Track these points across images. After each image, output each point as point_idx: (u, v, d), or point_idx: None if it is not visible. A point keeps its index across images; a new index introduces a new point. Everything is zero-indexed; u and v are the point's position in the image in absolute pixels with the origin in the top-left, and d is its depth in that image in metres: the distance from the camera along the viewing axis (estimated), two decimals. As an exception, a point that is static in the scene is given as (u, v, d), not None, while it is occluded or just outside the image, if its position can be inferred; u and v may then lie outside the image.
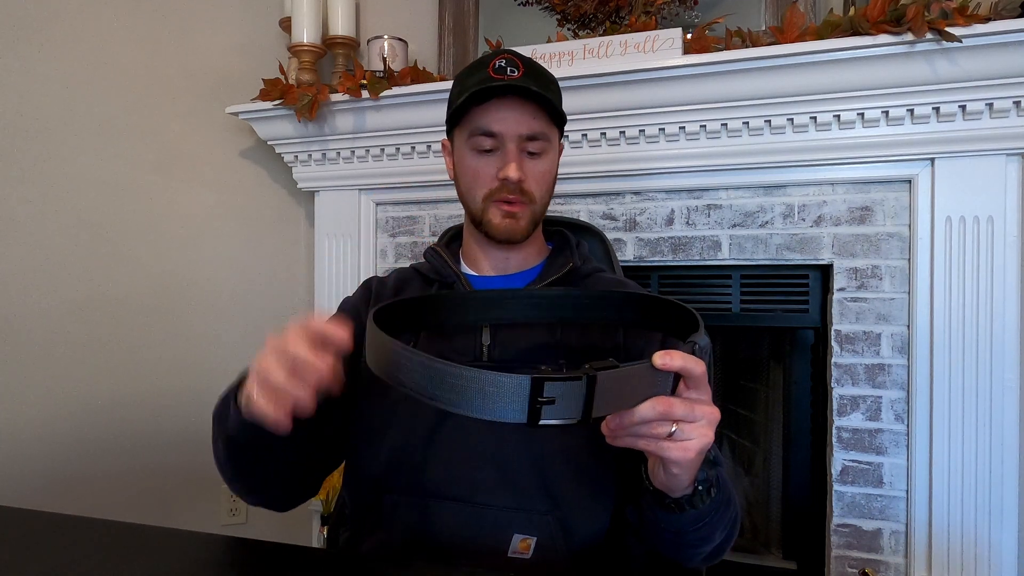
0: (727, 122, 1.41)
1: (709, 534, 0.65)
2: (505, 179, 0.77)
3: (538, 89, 0.75)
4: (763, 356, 1.77)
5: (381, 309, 0.64)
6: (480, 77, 0.77)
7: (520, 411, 0.47)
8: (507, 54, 0.78)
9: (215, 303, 1.87)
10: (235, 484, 0.74)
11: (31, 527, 0.68)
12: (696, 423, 0.52)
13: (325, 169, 1.80)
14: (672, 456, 0.53)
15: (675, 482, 0.57)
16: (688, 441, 0.52)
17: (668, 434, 0.52)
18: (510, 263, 0.85)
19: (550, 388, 0.46)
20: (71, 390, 1.66)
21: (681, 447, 0.52)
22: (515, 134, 0.77)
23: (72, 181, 1.67)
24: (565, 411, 0.47)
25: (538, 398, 0.46)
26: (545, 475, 0.73)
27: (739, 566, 1.65)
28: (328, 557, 0.64)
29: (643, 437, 0.52)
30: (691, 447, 0.52)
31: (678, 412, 0.51)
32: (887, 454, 1.38)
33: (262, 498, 0.76)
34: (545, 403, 0.47)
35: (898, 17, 1.22)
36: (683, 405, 0.51)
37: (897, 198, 1.38)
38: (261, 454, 0.68)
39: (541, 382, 0.46)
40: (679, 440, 0.52)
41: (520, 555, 0.71)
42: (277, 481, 0.73)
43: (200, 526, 1.80)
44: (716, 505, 0.63)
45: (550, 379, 0.46)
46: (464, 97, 0.76)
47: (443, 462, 0.74)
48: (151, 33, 1.77)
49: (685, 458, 0.53)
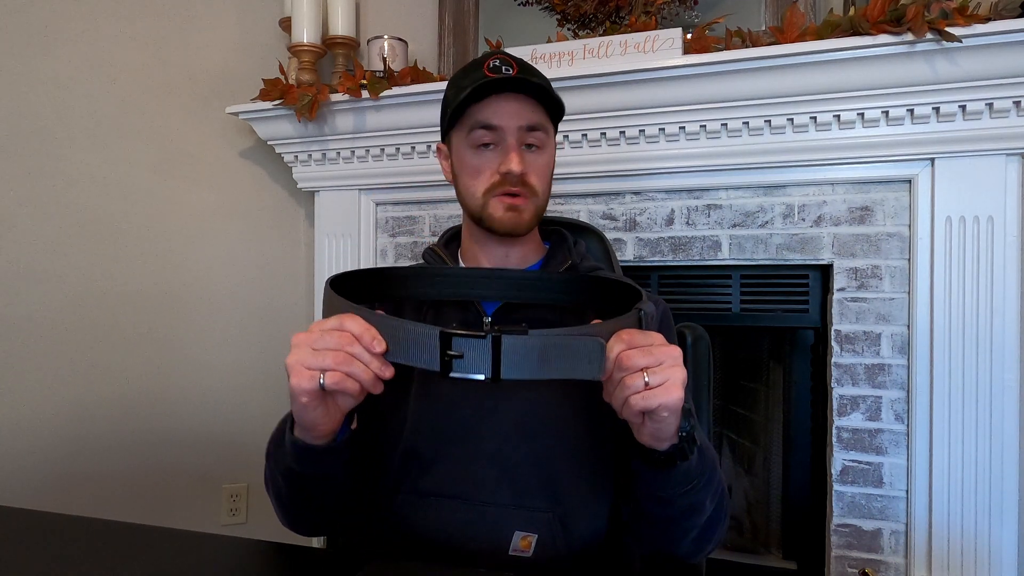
0: (727, 122, 1.41)
1: (699, 502, 0.65)
2: (507, 172, 0.77)
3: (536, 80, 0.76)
4: (763, 356, 1.77)
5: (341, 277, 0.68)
6: (475, 76, 0.77)
7: (433, 360, 0.53)
8: (500, 54, 0.79)
9: (215, 303, 1.87)
10: (292, 516, 0.75)
11: (31, 527, 0.68)
12: (662, 365, 0.54)
13: (325, 169, 1.80)
14: (653, 403, 0.54)
15: (661, 431, 0.58)
16: (665, 383, 0.54)
17: (644, 384, 0.54)
18: (509, 261, 0.85)
19: (457, 343, 0.52)
20: (71, 390, 1.66)
21: (663, 390, 0.54)
22: (515, 127, 0.78)
23: (72, 181, 1.67)
24: (473, 367, 0.53)
25: (447, 351, 0.52)
26: (546, 473, 0.73)
27: (739, 566, 1.65)
28: (328, 557, 0.64)
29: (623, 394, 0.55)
30: (671, 387, 0.54)
31: (640, 360, 0.54)
32: (887, 454, 1.38)
33: (315, 526, 0.77)
34: (455, 356, 0.52)
35: (898, 17, 1.22)
36: (639, 353, 0.54)
37: (897, 198, 1.38)
38: (319, 481, 0.68)
39: (449, 336, 0.52)
40: (655, 387, 0.54)
41: (521, 553, 0.71)
42: (334, 505, 0.73)
43: (200, 526, 1.80)
44: (703, 467, 0.63)
45: (457, 334, 0.52)
46: (465, 93, 0.77)
47: (445, 461, 0.74)
48: (151, 33, 1.78)
49: (669, 399, 0.54)
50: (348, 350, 0.54)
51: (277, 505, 0.74)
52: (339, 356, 0.54)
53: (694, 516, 0.66)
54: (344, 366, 0.54)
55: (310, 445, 0.63)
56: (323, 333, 0.55)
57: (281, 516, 0.76)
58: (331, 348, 0.55)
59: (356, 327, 0.55)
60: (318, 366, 0.55)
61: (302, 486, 0.69)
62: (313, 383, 0.55)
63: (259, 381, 1.91)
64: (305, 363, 0.55)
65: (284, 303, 1.97)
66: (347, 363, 0.54)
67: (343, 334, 0.55)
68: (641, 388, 0.54)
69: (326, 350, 0.55)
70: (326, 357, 0.54)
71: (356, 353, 0.54)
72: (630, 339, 0.55)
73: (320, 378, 0.55)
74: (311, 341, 0.56)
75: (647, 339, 0.56)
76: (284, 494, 0.71)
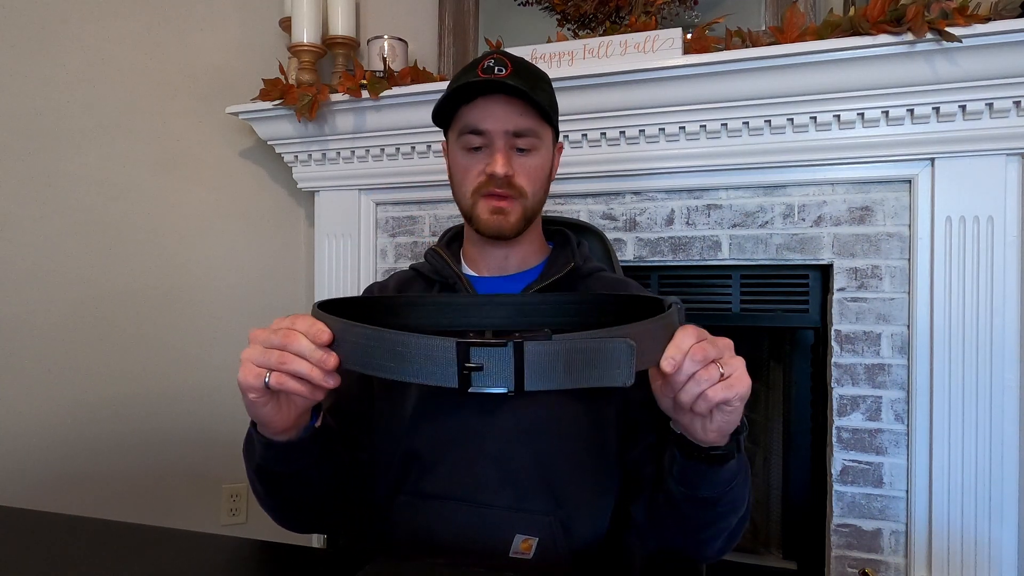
0: (727, 122, 1.41)
1: (740, 497, 0.64)
2: (492, 174, 0.77)
3: (522, 85, 0.75)
4: (763, 356, 1.77)
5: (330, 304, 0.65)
6: (468, 77, 0.77)
7: (451, 376, 0.48)
8: (496, 54, 0.78)
9: (215, 303, 1.87)
10: (276, 513, 0.75)
11: (31, 527, 0.68)
12: (726, 355, 0.54)
13: (325, 169, 1.80)
14: (731, 393, 0.53)
15: (733, 420, 0.56)
16: (735, 372, 0.53)
17: (720, 375, 0.52)
18: (510, 263, 0.85)
19: (476, 354, 0.47)
20: (71, 390, 1.66)
21: (737, 380, 0.53)
22: (501, 130, 0.77)
23: (72, 181, 1.67)
24: (494, 379, 0.48)
25: (465, 363, 0.47)
26: (547, 475, 0.73)
27: (739, 566, 1.65)
28: (328, 557, 0.64)
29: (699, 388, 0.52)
30: (741, 376, 0.53)
31: (711, 352, 0.52)
32: (887, 454, 1.38)
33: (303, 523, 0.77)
34: (474, 369, 0.47)
35: (898, 17, 1.22)
36: (709, 345, 0.53)
37: (897, 198, 1.38)
38: (289, 478, 0.68)
39: (467, 347, 0.47)
40: (727, 377, 0.53)
41: (522, 555, 0.71)
42: (312, 502, 0.74)
43: (200, 526, 1.80)
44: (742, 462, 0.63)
45: (475, 344, 0.47)
46: (444, 95, 0.77)
47: (446, 463, 0.74)
48: (151, 33, 1.77)
49: (742, 388, 0.53)
50: (292, 349, 0.54)
51: (259, 502, 0.74)
52: (284, 356, 0.54)
53: (731, 515, 0.66)
54: (288, 366, 0.54)
55: (273, 441, 0.63)
56: (273, 332, 0.55)
57: (267, 512, 0.76)
58: (277, 347, 0.54)
59: (303, 325, 0.54)
60: (265, 364, 0.55)
61: (273, 482, 0.69)
62: (259, 380, 0.55)
63: (259, 381, 1.91)
64: (254, 359, 0.55)
65: (284, 303, 1.97)
66: (291, 363, 0.54)
67: (290, 332, 0.54)
68: (717, 379, 0.53)
69: (273, 348, 0.55)
70: (272, 356, 0.54)
71: (301, 352, 0.53)
72: (696, 331, 0.54)
73: (266, 376, 0.55)
74: (263, 338, 0.56)
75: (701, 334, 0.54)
76: (260, 490, 0.72)
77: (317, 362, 0.53)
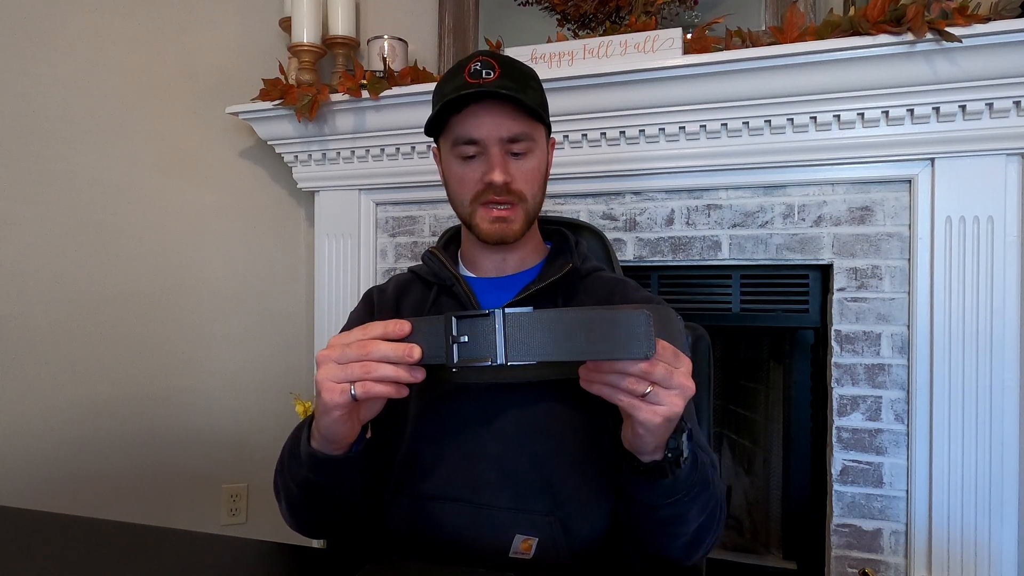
0: (727, 122, 1.41)
1: (684, 512, 0.64)
2: (490, 183, 0.77)
3: (512, 91, 0.73)
4: (763, 356, 1.77)
5: None
6: (456, 84, 0.76)
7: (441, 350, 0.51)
8: (483, 56, 0.77)
9: (215, 303, 1.87)
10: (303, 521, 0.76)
11: (31, 527, 0.68)
12: (670, 391, 0.53)
13: (325, 169, 1.80)
14: (640, 416, 0.54)
15: (641, 444, 0.58)
16: (658, 406, 0.53)
17: (642, 394, 0.53)
18: (508, 264, 0.85)
19: (460, 326, 0.50)
20: (71, 390, 1.66)
21: (651, 410, 0.53)
22: (496, 137, 0.76)
23: (72, 181, 1.67)
24: (479, 350, 0.50)
25: (451, 335, 0.50)
26: (547, 476, 0.73)
27: (739, 566, 1.65)
28: (328, 557, 0.64)
29: (618, 390, 0.54)
30: (659, 412, 0.54)
31: (657, 374, 0.52)
32: (887, 454, 1.38)
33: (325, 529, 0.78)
34: (458, 342, 0.50)
35: (898, 17, 1.22)
36: (665, 369, 0.53)
37: (897, 198, 1.38)
38: (335, 489, 0.69)
39: (450, 318, 0.50)
40: (650, 403, 0.53)
41: (522, 555, 0.71)
42: (348, 511, 0.74)
43: (200, 526, 1.80)
44: (690, 483, 0.63)
45: (459, 316, 0.50)
46: (436, 108, 0.76)
47: (446, 463, 0.74)
48: (151, 33, 1.78)
49: (652, 421, 0.54)
50: (374, 357, 0.56)
51: (288, 512, 0.75)
52: (366, 366, 0.56)
53: (680, 525, 0.66)
54: (372, 373, 0.56)
55: (329, 456, 0.65)
56: (345, 347, 0.57)
57: (290, 520, 0.76)
58: (355, 360, 0.56)
59: (376, 330, 0.57)
60: (346, 379, 0.57)
61: (318, 494, 0.70)
62: (345, 396, 0.57)
63: (259, 381, 1.91)
64: (334, 378, 0.57)
65: (284, 303, 1.97)
66: (375, 369, 0.56)
67: (363, 343, 0.56)
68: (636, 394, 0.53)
69: (351, 362, 0.57)
70: (353, 369, 0.56)
71: (385, 356, 0.56)
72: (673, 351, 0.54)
73: (351, 390, 0.56)
74: (336, 356, 0.57)
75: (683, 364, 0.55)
76: (298, 503, 0.72)
77: (400, 359, 0.55)
